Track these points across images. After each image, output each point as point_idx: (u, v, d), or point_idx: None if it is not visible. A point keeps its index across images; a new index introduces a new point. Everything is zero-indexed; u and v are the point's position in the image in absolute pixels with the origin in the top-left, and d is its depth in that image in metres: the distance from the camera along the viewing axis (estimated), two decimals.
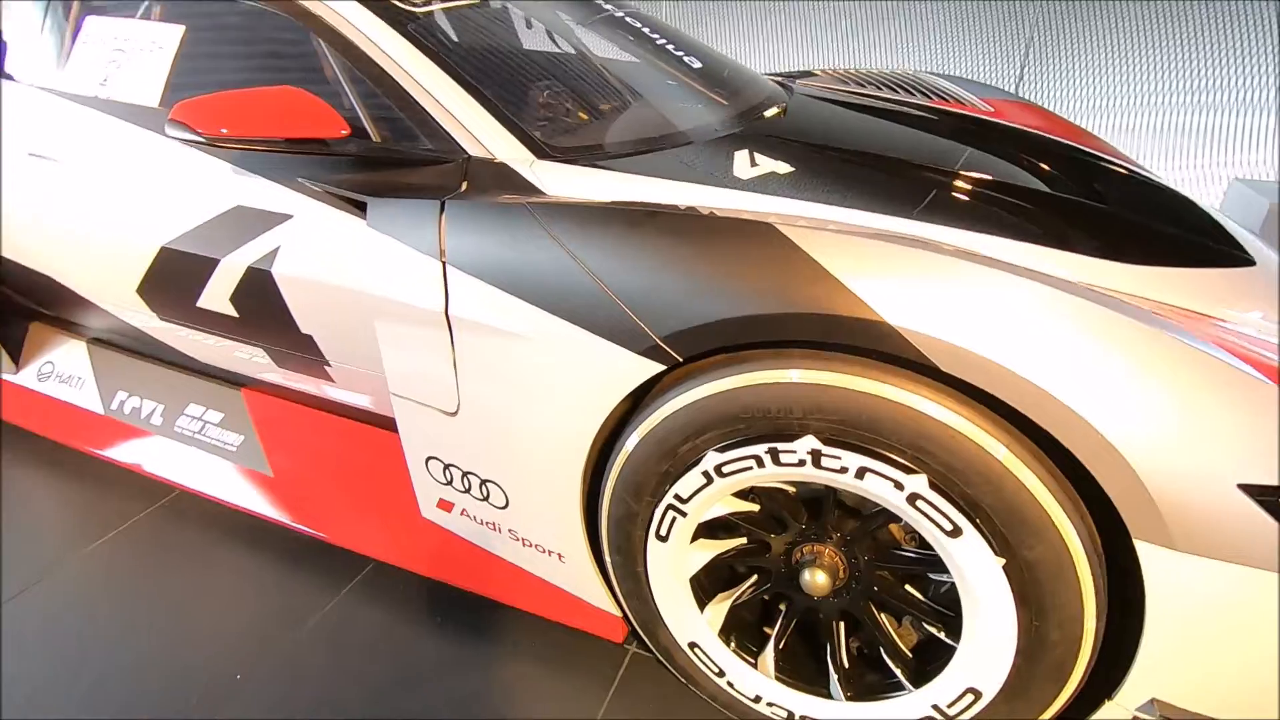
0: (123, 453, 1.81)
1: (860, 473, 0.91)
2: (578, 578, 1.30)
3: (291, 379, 1.64)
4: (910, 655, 1.08)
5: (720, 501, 1.07)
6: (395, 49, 1.33)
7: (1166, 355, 0.79)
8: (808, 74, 2.30)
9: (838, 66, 3.40)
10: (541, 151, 1.28)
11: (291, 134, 1.23)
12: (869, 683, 1.12)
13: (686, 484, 1.03)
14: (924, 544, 1.05)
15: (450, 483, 1.35)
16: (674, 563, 1.12)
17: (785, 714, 1.15)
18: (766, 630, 1.22)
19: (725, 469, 0.99)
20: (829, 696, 1.13)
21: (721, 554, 1.15)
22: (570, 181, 1.22)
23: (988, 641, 0.93)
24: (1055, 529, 0.85)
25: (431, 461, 1.34)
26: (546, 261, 1.04)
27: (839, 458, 0.92)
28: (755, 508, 1.10)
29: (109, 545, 1.66)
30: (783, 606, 1.21)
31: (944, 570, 0.99)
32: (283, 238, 1.32)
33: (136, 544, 1.67)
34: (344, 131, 1.25)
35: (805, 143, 1.49)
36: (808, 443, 0.93)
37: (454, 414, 1.23)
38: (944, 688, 1.00)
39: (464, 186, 1.22)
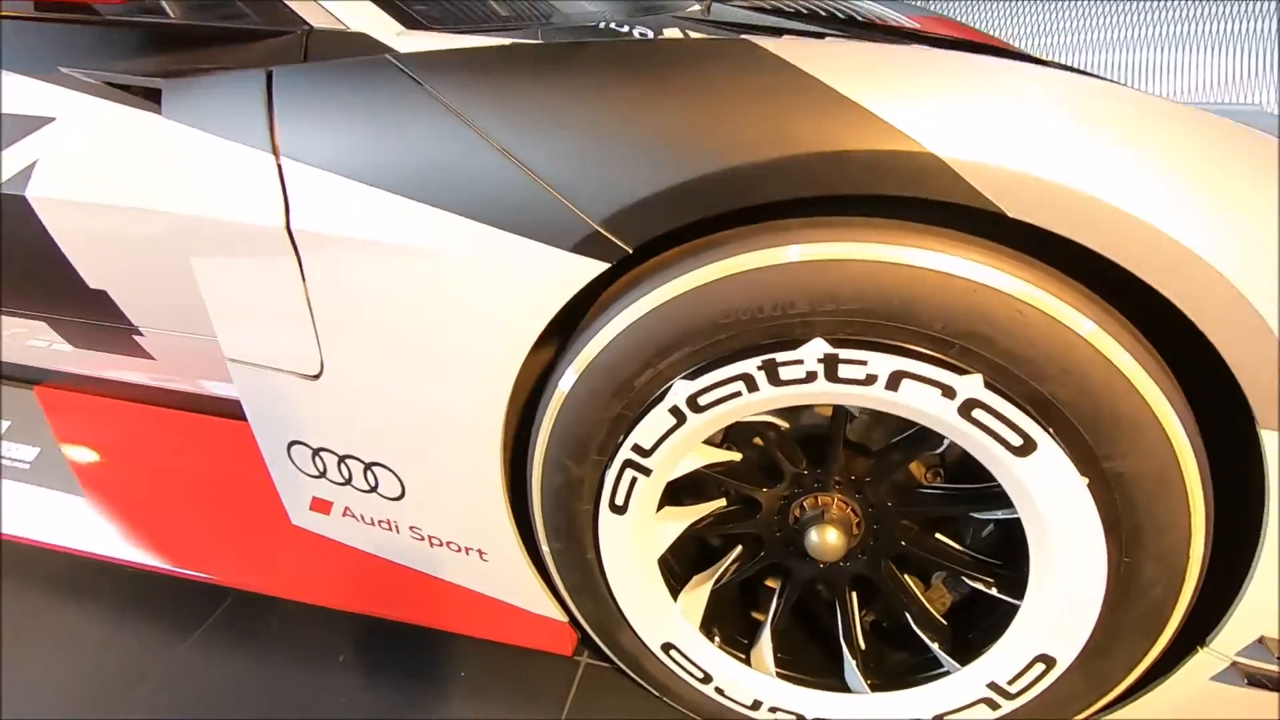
0: None
1: (893, 381, 0.66)
2: (506, 579, 1.00)
3: (96, 365, 1.23)
4: (945, 623, 0.85)
5: (694, 451, 0.80)
6: None
7: None
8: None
9: None
10: (412, 21, 0.95)
11: None
12: (895, 664, 0.88)
13: (649, 429, 0.75)
14: (954, 477, 0.83)
15: (324, 474, 1.01)
16: (637, 541, 0.83)
17: (794, 719, 0.90)
18: (757, 616, 0.96)
19: (702, 400, 0.72)
20: (846, 689, 0.88)
21: (696, 523, 0.88)
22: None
23: (1065, 592, 0.70)
24: (1159, 427, 0.63)
25: (295, 448, 1.00)
26: (426, 134, 0.73)
27: (863, 362, 0.66)
28: (737, 456, 0.84)
29: None
30: (771, 582, 0.96)
31: (993, 505, 0.76)
32: (41, 148, 0.93)
33: None
34: None
35: (740, 24, 1.24)
36: (817, 347, 0.66)
37: (316, 377, 0.90)
38: (1003, 659, 0.77)
39: None
